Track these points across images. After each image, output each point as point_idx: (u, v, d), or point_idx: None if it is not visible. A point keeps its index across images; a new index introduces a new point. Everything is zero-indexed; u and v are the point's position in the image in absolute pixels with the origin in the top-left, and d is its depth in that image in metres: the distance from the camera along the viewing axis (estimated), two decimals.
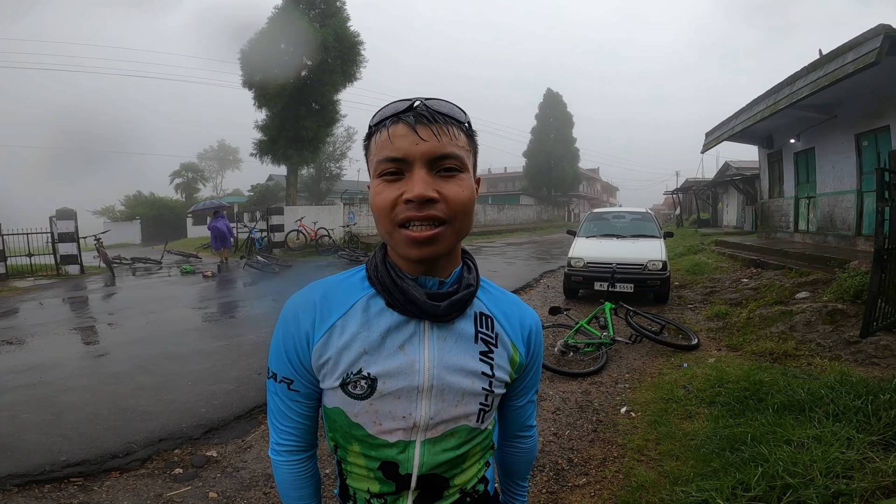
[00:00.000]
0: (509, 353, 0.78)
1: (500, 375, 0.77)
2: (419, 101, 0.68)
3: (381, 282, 0.72)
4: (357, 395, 0.71)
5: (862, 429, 2.32)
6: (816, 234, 9.61)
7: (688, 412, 2.98)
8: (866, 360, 3.61)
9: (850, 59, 6.23)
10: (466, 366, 0.73)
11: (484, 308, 0.78)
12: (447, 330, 0.73)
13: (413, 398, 0.71)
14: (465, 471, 0.79)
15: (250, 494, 2.40)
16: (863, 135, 8.31)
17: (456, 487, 0.79)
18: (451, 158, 0.66)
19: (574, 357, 4.34)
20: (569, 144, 38.04)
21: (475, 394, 0.74)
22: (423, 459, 0.74)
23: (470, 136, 0.72)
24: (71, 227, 11.87)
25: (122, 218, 34.92)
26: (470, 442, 0.77)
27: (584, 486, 2.35)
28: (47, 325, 6.09)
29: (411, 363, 0.71)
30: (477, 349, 0.75)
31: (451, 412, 0.73)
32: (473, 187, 0.70)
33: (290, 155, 17.07)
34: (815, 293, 5.53)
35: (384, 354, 0.71)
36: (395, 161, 0.65)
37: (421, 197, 0.63)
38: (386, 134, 0.67)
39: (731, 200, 20.96)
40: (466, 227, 0.69)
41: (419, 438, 0.73)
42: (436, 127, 0.66)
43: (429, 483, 0.76)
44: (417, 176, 0.64)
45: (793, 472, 2.00)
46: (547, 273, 10.13)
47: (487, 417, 0.77)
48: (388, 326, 0.72)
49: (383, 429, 0.72)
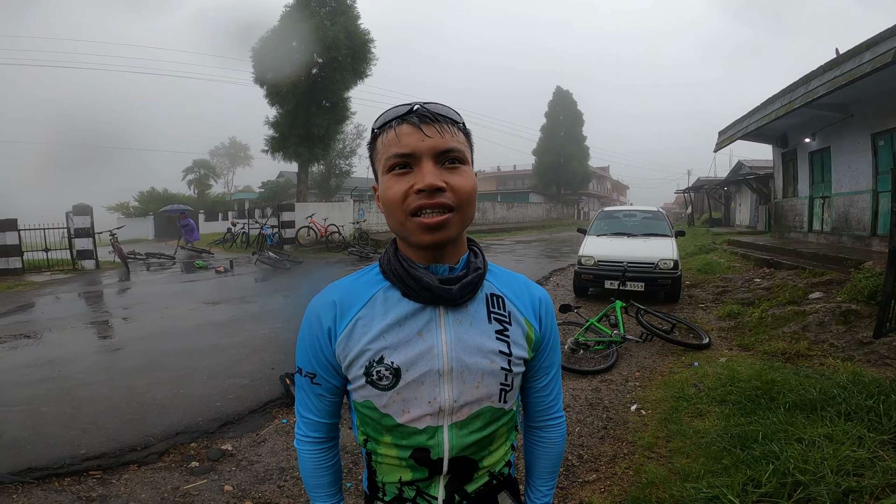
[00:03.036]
0: (524, 329, 0.82)
1: (518, 353, 0.80)
2: (418, 104, 0.74)
3: (395, 273, 0.77)
4: (384, 386, 0.75)
5: (873, 428, 2.31)
6: (831, 235, 9.49)
7: (698, 410, 2.98)
8: (879, 360, 3.57)
9: (867, 58, 6.17)
10: (484, 346, 0.77)
11: (494, 289, 0.82)
12: (461, 313, 0.77)
13: (436, 382, 0.75)
14: (492, 452, 0.82)
15: (265, 488, 2.44)
16: (879, 134, 8.18)
17: (484, 469, 0.82)
18: (455, 152, 0.72)
19: (584, 355, 4.34)
20: (579, 142, 37.84)
21: (494, 373, 0.78)
22: (453, 443, 0.77)
23: (466, 135, 0.77)
24: (87, 223, 12.08)
25: (136, 214, 35.42)
26: (495, 423, 0.80)
27: (595, 483, 2.37)
28: (64, 320, 6.22)
29: (430, 348, 0.75)
30: (492, 329, 0.79)
31: (474, 394, 0.77)
32: (475, 179, 0.76)
33: (301, 152, 17.21)
34: (829, 293, 5.47)
35: (404, 342, 0.75)
36: (404, 156, 0.71)
37: (431, 186, 0.69)
38: (393, 133, 0.72)
39: (744, 200, 20.74)
40: (470, 215, 0.74)
41: (446, 423, 0.77)
42: (438, 125, 0.72)
43: (459, 466, 0.79)
44: (426, 168, 0.70)
45: (804, 470, 2.01)
46: (557, 271, 10.12)
47: (510, 397, 0.81)
48: (406, 314, 0.76)
49: (412, 416, 0.76)
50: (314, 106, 16.92)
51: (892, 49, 5.58)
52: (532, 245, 17.05)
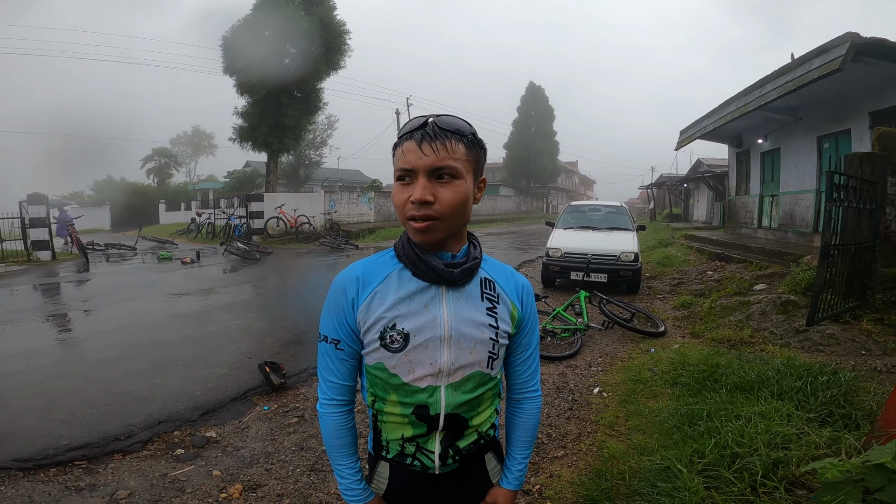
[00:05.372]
0: (509, 308, 0.99)
1: (504, 327, 0.98)
2: (431, 118, 0.88)
3: (408, 257, 0.93)
4: (395, 349, 0.92)
5: (801, 406, 2.63)
6: (778, 231, 10.14)
7: (653, 392, 3.28)
8: (812, 347, 3.98)
9: (816, 64, 6.51)
10: (476, 318, 0.95)
11: (487, 274, 0.99)
12: (460, 292, 0.95)
13: (438, 347, 0.92)
14: (479, 413, 0.99)
15: (253, 471, 2.54)
16: (824, 137, 8.79)
17: (473, 428, 0.99)
18: (447, 169, 0.85)
19: (551, 342, 4.61)
20: (549, 137, 38.48)
21: (484, 342, 0.95)
22: (448, 400, 0.94)
23: (471, 147, 0.89)
24: (42, 212, 11.54)
25: (92, 203, 33.76)
26: (483, 386, 0.98)
27: (563, 458, 2.60)
28: (24, 313, 6.01)
29: (434, 318, 0.92)
30: (484, 306, 0.96)
31: (467, 358, 0.94)
32: (467, 189, 0.89)
33: (271, 142, 16.89)
34: (772, 285, 5.96)
35: (414, 313, 0.92)
36: (405, 171, 0.87)
37: (420, 200, 0.84)
38: (401, 148, 0.88)
39: (702, 196, 21.64)
40: (458, 220, 0.90)
41: (443, 383, 0.94)
42: (437, 143, 0.85)
43: (452, 422, 0.96)
44: (420, 183, 0.85)
45: (740, 443, 2.28)
46: (525, 262, 10.42)
47: (496, 365, 0.98)
48: (415, 290, 0.93)
49: (416, 376, 0.93)
50: (285, 96, 16.62)
51: (840, 57, 5.91)
52: (502, 237, 17.37)
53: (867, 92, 7.39)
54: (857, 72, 6.57)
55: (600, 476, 2.30)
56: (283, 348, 4.52)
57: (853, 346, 3.90)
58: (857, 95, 7.62)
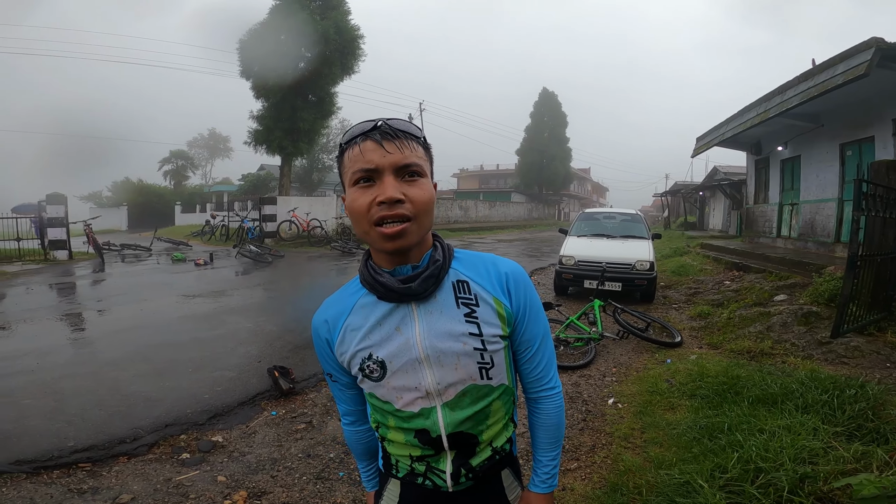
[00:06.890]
0: (493, 308, 0.87)
1: (491, 331, 0.86)
2: (381, 121, 0.81)
3: (366, 282, 0.87)
4: (376, 378, 0.87)
5: (828, 420, 2.52)
6: (797, 240, 9.90)
7: (671, 404, 3.17)
8: (836, 359, 3.83)
9: (840, 70, 6.34)
10: (454, 330, 0.85)
11: (460, 275, 0.88)
12: (431, 304, 0.85)
13: (417, 369, 0.85)
14: (489, 427, 0.90)
15: (258, 478, 2.50)
16: (847, 144, 8.57)
17: (485, 443, 0.90)
18: (414, 166, 0.79)
19: (564, 351, 4.51)
20: (562, 144, 38.39)
21: (469, 354, 0.85)
22: (447, 420, 0.86)
23: (426, 148, 0.84)
24: (61, 213, 11.76)
25: (109, 204, 34.44)
26: (484, 399, 0.88)
27: (576, 470, 2.51)
28: (39, 311, 6.09)
29: (407, 340, 0.85)
30: (461, 313, 0.86)
31: (454, 375, 0.85)
32: (432, 190, 0.83)
33: (285, 145, 17.07)
34: (793, 296, 5.78)
35: (386, 338, 0.85)
36: (368, 171, 0.78)
37: (392, 198, 0.76)
38: (357, 149, 0.79)
39: (718, 204, 21.33)
40: (428, 223, 0.82)
41: (438, 403, 0.86)
42: (399, 141, 0.78)
43: (459, 441, 0.88)
44: (387, 182, 0.77)
45: (765, 458, 2.18)
46: (538, 270, 10.32)
47: (494, 374, 0.88)
48: (384, 314, 0.86)
49: (405, 401, 0.87)
50: (300, 100, 16.81)
51: (866, 62, 5.74)
52: (514, 244, 17.28)
53: (892, 98, 7.19)
54: (882, 77, 6.38)
55: (615, 490, 2.21)
56: (293, 352, 4.48)
57: (878, 359, 3.75)
58: (882, 102, 7.42)
